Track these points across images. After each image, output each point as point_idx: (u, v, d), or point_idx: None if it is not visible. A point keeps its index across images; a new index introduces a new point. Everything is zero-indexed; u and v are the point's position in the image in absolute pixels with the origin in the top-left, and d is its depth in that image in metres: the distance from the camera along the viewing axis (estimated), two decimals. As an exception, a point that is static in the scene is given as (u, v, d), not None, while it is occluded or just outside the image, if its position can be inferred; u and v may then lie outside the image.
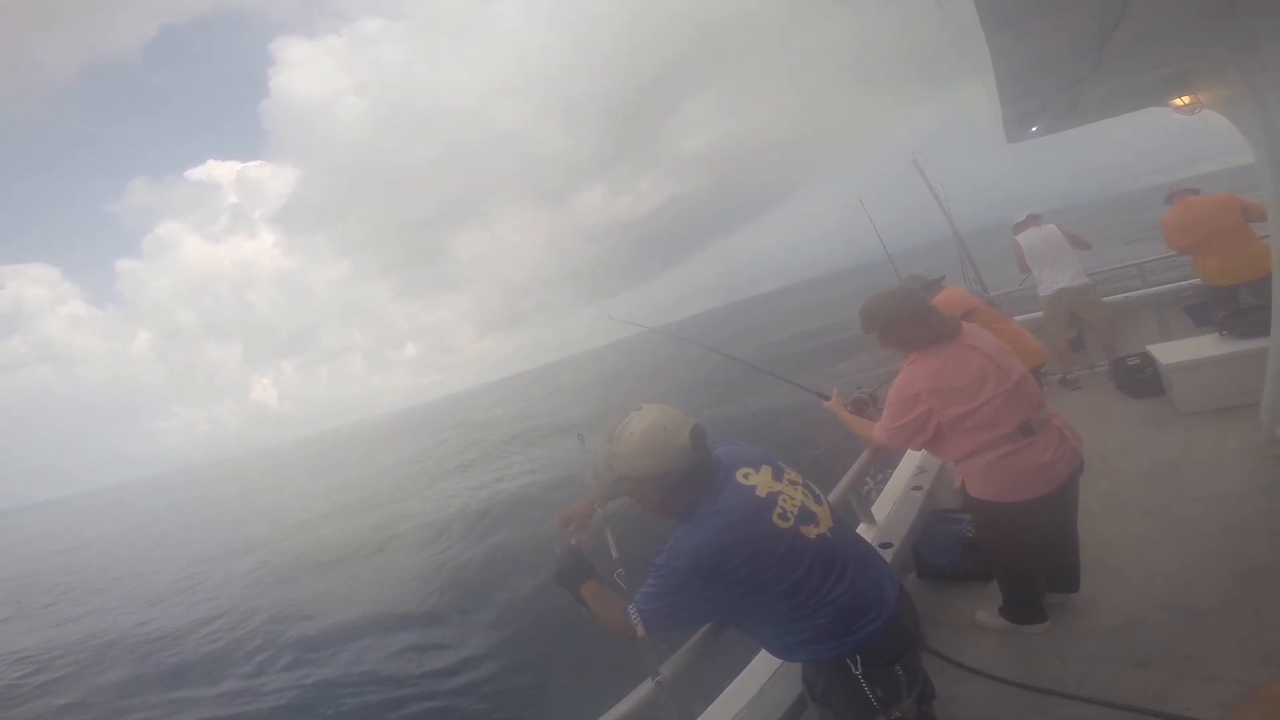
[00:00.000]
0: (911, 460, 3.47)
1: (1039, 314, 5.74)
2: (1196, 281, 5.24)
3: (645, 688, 1.52)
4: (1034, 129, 3.54)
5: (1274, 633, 2.10)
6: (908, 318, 2.36)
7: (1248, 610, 2.24)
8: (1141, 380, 4.69)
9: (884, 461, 3.19)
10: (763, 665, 2.04)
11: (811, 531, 1.48)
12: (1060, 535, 2.46)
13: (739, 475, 1.51)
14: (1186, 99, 3.33)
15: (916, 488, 3.19)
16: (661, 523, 1.58)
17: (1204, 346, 4.31)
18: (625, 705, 1.54)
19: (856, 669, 1.43)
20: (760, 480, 1.51)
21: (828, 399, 2.89)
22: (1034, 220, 5.84)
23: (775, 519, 1.45)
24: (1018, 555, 2.41)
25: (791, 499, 1.50)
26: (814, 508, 1.53)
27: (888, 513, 3.00)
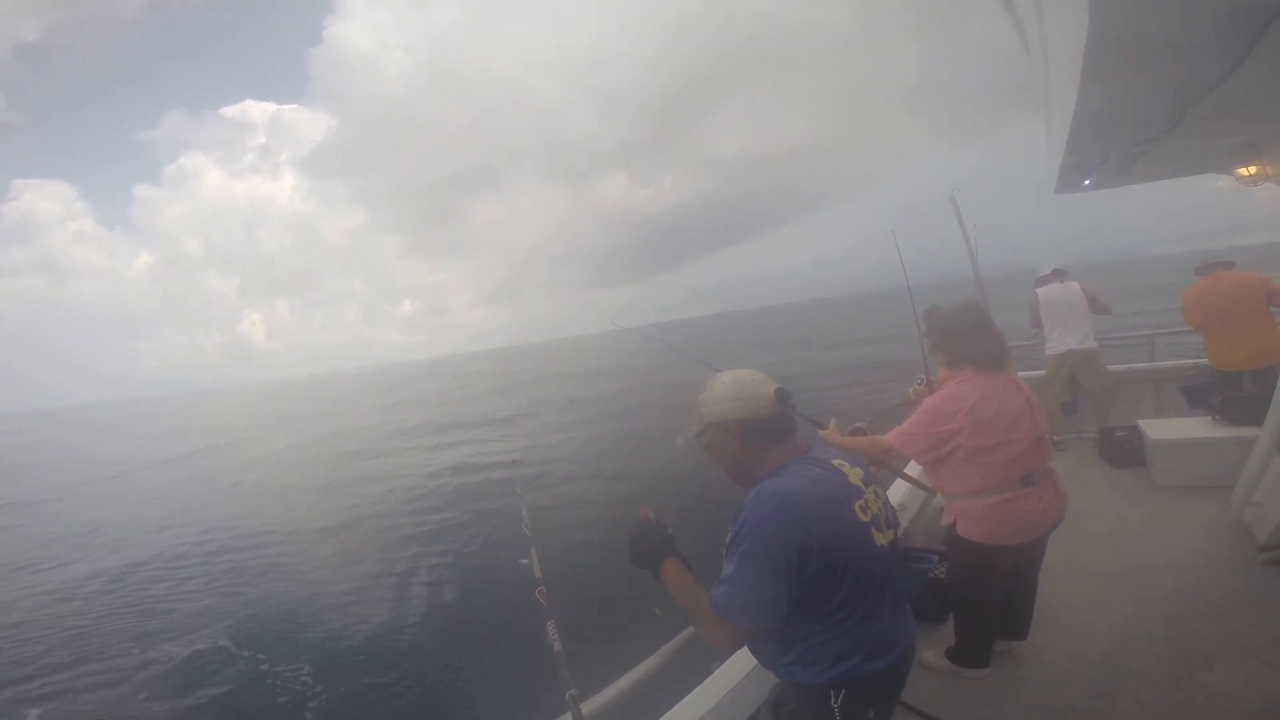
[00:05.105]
0: (895, 494, 3.47)
1: (1040, 372, 5.65)
2: (1203, 362, 5.16)
3: None
4: (1087, 182, 3.46)
5: (1191, 697, 2.21)
6: (964, 328, 2.40)
7: (1172, 675, 2.34)
8: (1125, 451, 4.71)
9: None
10: (719, 682, 1.96)
11: (879, 538, 1.42)
12: (1024, 584, 2.53)
13: (835, 460, 1.50)
14: (1253, 169, 3.25)
15: None
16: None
17: (1194, 427, 4.33)
18: None
19: (835, 701, 1.37)
20: (853, 474, 1.48)
21: (824, 428, 2.82)
22: (1058, 275, 5.68)
23: (857, 508, 1.41)
24: (986, 598, 2.45)
25: (874, 503, 1.47)
26: (883, 522, 1.48)
27: None
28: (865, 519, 1.41)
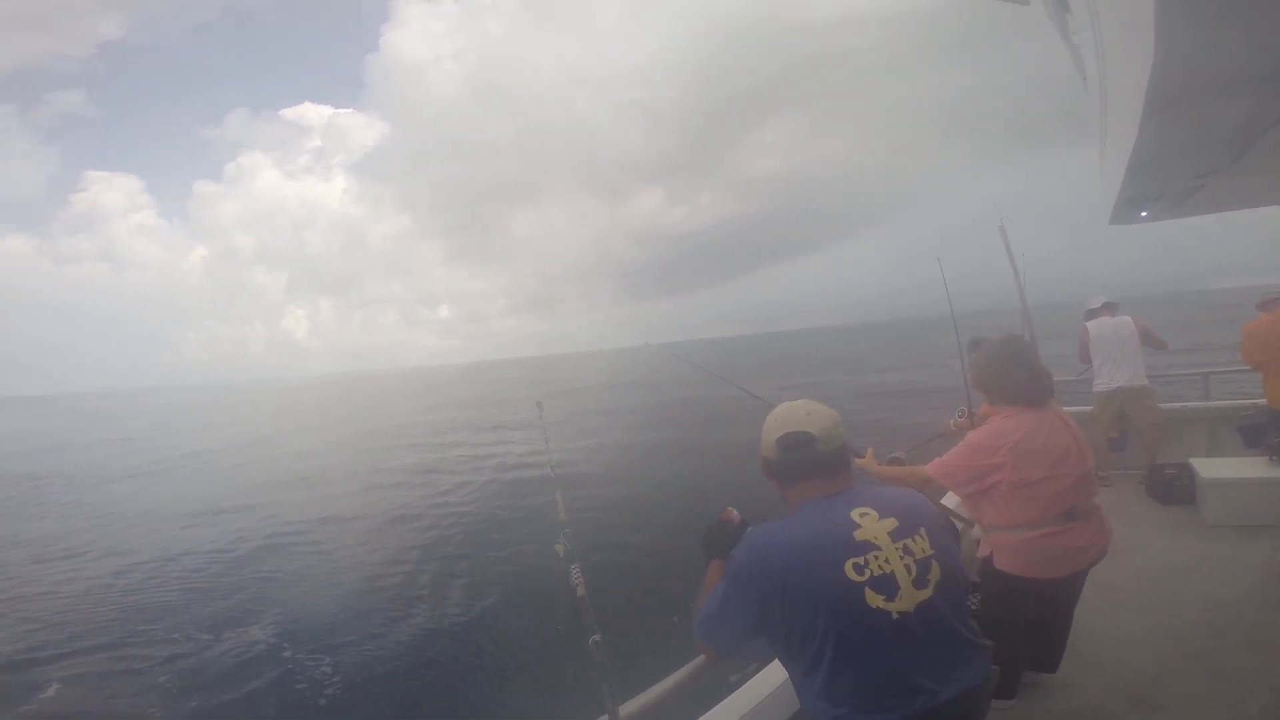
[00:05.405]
0: None
1: (1088, 408, 5.45)
2: (1260, 402, 4.95)
3: None
4: (1143, 214, 3.39)
5: None
6: (1006, 364, 2.39)
7: (1205, 707, 2.32)
8: (1174, 489, 4.56)
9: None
10: (746, 696, 1.97)
11: (875, 600, 1.29)
12: (1059, 617, 2.51)
13: (855, 511, 1.40)
14: None
15: None
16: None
17: (1250, 467, 4.20)
18: None
19: None
20: (870, 527, 1.37)
21: (861, 457, 2.83)
22: (1109, 309, 5.49)
23: (849, 567, 1.31)
24: (1019, 629, 2.43)
25: (884, 562, 1.33)
26: (902, 582, 1.32)
27: None
28: (859, 579, 1.30)
